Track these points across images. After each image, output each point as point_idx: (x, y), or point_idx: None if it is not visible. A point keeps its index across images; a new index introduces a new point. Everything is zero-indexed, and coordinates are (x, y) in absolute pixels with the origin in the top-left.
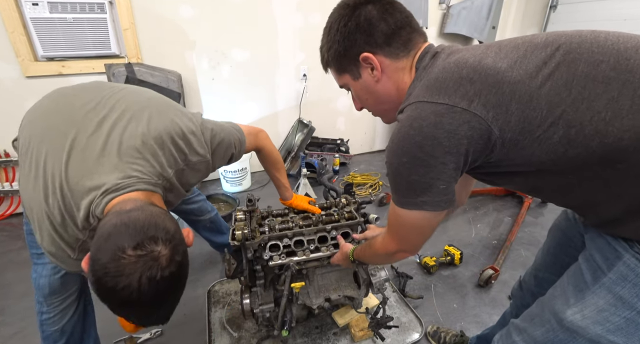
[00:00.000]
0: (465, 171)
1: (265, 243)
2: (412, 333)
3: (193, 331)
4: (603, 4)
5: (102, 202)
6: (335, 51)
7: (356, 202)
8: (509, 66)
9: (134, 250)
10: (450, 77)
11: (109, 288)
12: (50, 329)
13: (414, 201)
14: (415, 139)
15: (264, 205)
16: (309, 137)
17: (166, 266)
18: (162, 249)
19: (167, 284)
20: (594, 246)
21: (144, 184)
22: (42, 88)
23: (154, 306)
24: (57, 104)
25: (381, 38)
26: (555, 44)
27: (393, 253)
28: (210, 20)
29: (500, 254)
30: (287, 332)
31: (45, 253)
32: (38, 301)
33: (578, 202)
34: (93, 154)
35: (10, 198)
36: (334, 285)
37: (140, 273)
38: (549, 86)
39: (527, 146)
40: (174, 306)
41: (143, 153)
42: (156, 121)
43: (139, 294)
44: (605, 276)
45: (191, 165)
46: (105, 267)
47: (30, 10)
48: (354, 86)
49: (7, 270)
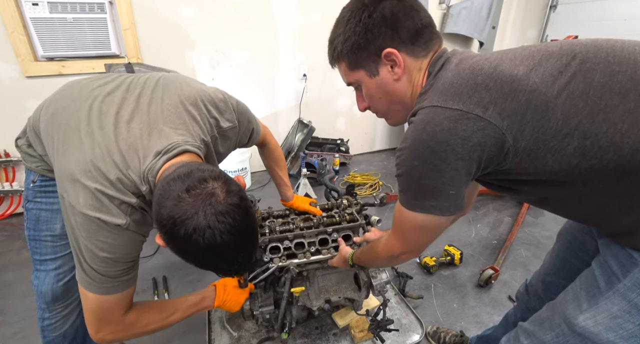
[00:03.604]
0: (476, 177)
1: (265, 245)
2: (413, 335)
3: (193, 330)
4: (603, 4)
5: (157, 165)
6: (353, 43)
7: (358, 204)
8: (525, 74)
9: (188, 193)
10: (465, 83)
11: (183, 237)
12: (52, 334)
13: (422, 204)
14: (429, 143)
15: (265, 205)
16: (309, 137)
17: (224, 198)
18: (213, 184)
19: (234, 216)
20: (608, 252)
21: (190, 146)
22: (42, 88)
23: (233, 244)
24: (80, 90)
25: (406, 35)
26: (571, 53)
27: (397, 255)
28: (210, 20)
29: (500, 254)
30: (286, 334)
31: (82, 214)
32: (40, 307)
33: (589, 214)
34: (139, 125)
35: (10, 198)
36: (335, 287)
37: (203, 210)
38: (565, 95)
39: (540, 155)
40: (254, 244)
41: (184, 118)
42: (187, 90)
43: (212, 232)
44: (620, 282)
45: (222, 132)
46: (170, 217)
47: (30, 10)
48: (367, 84)
49: (7, 270)
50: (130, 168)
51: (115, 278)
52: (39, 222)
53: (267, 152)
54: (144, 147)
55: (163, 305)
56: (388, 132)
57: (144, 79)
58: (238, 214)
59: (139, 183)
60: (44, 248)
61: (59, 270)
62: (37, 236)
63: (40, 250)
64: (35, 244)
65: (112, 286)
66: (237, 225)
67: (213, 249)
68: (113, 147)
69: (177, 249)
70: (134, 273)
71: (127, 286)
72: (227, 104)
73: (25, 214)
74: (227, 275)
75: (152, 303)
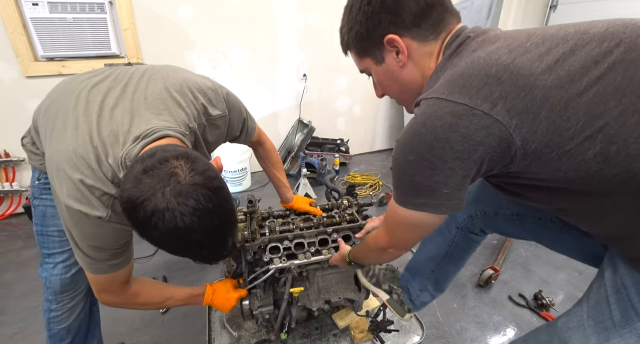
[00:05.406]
0: (478, 178)
1: (265, 245)
2: (413, 336)
3: (193, 330)
4: (603, 4)
5: (134, 150)
6: (356, 33)
7: (358, 204)
8: (548, 67)
9: (145, 173)
10: (477, 74)
11: (143, 220)
12: (57, 327)
13: (413, 201)
14: (427, 138)
15: (265, 205)
16: (309, 137)
17: (185, 177)
18: (174, 163)
19: (197, 197)
20: (629, 277)
21: (172, 131)
22: (42, 88)
23: (197, 227)
24: (70, 83)
25: (409, 18)
26: (617, 37)
27: (384, 249)
28: (210, 20)
29: (500, 254)
30: (285, 335)
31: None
32: (47, 299)
33: (611, 232)
34: (122, 111)
35: (10, 198)
36: (335, 287)
37: (161, 191)
38: (594, 92)
39: (553, 159)
40: (227, 228)
41: (168, 105)
42: (174, 77)
43: (171, 214)
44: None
45: (211, 120)
46: (129, 200)
47: (30, 10)
48: (376, 71)
49: (7, 270)
50: (110, 155)
51: (104, 261)
52: (46, 218)
53: (264, 153)
54: (124, 133)
55: (163, 290)
56: (388, 132)
57: (133, 70)
58: (203, 195)
59: (116, 170)
60: (52, 242)
61: (66, 262)
62: (44, 231)
63: (48, 244)
64: (43, 239)
65: (101, 267)
66: (202, 207)
67: (175, 233)
68: (95, 134)
69: (142, 234)
70: (125, 256)
71: (119, 267)
72: (216, 93)
73: (32, 210)
74: (204, 262)
75: (155, 286)
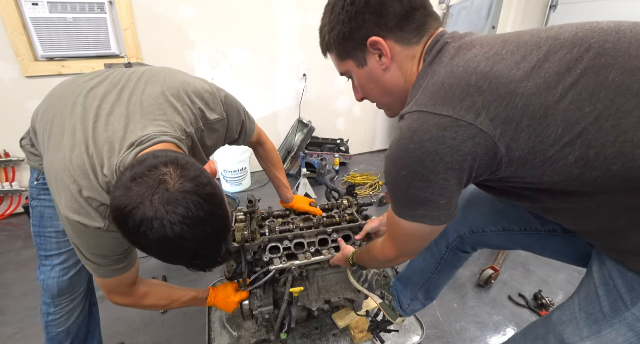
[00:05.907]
0: (469, 184)
1: (265, 245)
2: (413, 336)
3: (193, 330)
4: (603, 4)
5: (129, 157)
6: (338, 33)
7: (358, 204)
8: (526, 74)
9: (134, 181)
10: (458, 84)
11: (132, 230)
12: (56, 330)
13: (412, 213)
14: (416, 153)
15: (265, 205)
16: (309, 137)
17: (175, 184)
18: (163, 170)
19: (187, 205)
20: (615, 269)
21: (168, 136)
22: (42, 88)
23: (189, 235)
24: (68, 86)
25: (393, 20)
26: (586, 43)
27: (394, 259)
28: (210, 20)
29: (500, 254)
30: (285, 335)
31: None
32: (45, 302)
33: (596, 229)
34: (118, 117)
35: (10, 198)
36: (335, 287)
37: (149, 199)
38: (570, 98)
39: (537, 165)
40: (220, 236)
41: (164, 110)
42: (171, 81)
43: (160, 223)
44: (628, 310)
45: (209, 124)
46: (117, 208)
47: (30, 10)
48: (357, 74)
49: (7, 270)
50: (106, 164)
51: (108, 267)
52: (43, 219)
53: (264, 153)
54: (119, 140)
55: (171, 293)
56: (388, 132)
57: (130, 72)
58: (193, 203)
59: (111, 179)
60: (49, 244)
61: (64, 265)
62: (42, 232)
63: (46, 246)
64: (41, 241)
65: (106, 272)
66: (192, 215)
67: (166, 241)
68: (91, 143)
69: (133, 243)
70: (128, 261)
71: (124, 271)
72: (214, 96)
73: (30, 211)
74: (198, 270)
75: (163, 288)
